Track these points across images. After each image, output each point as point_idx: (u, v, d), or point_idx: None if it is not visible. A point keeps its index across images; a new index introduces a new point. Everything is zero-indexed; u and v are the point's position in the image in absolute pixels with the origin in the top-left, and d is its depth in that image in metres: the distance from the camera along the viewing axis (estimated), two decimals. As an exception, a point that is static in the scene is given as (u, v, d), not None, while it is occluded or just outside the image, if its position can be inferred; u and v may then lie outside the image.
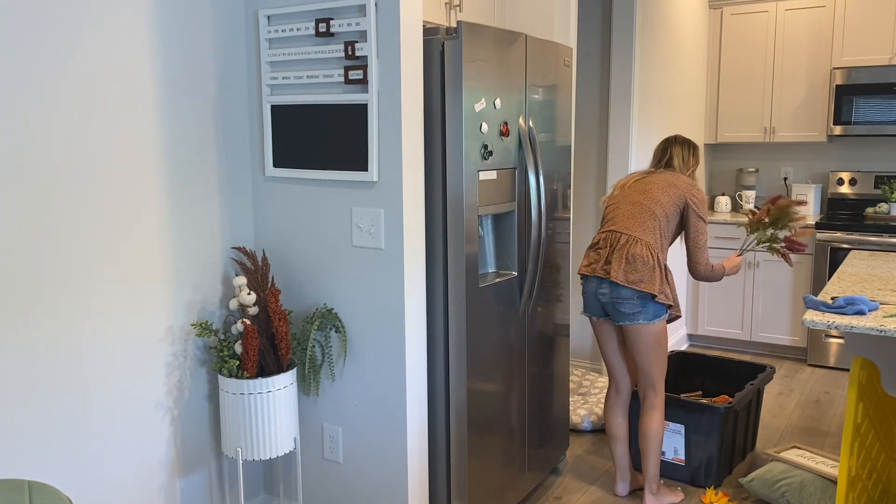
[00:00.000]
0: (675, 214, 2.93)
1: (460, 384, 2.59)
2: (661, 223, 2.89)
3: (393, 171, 2.39)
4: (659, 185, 2.95)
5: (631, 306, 2.82)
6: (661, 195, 2.92)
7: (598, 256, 2.93)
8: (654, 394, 2.96)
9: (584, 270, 2.97)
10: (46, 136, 2.10)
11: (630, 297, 2.81)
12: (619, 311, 2.85)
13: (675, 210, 2.92)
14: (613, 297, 2.85)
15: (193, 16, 2.49)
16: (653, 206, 2.89)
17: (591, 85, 4.46)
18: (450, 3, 2.97)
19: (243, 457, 2.38)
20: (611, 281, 2.84)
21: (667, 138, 3.14)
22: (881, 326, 2.13)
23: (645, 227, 2.87)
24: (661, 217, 2.89)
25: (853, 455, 2.38)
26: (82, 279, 2.22)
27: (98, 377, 2.29)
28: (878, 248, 4.55)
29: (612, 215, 2.97)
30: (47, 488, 1.65)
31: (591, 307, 2.99)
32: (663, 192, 2.93)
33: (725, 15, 5.19)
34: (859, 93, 4.74)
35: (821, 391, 4.41)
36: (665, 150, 3.10)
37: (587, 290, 2.98)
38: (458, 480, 2.64)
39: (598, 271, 2.88)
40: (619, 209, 2.96)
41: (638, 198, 2.93)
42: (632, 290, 2.80)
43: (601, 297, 2.91)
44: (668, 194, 2.92)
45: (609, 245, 2.90)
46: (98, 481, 2.32)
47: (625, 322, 2.86)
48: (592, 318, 3.03)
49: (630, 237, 2.85)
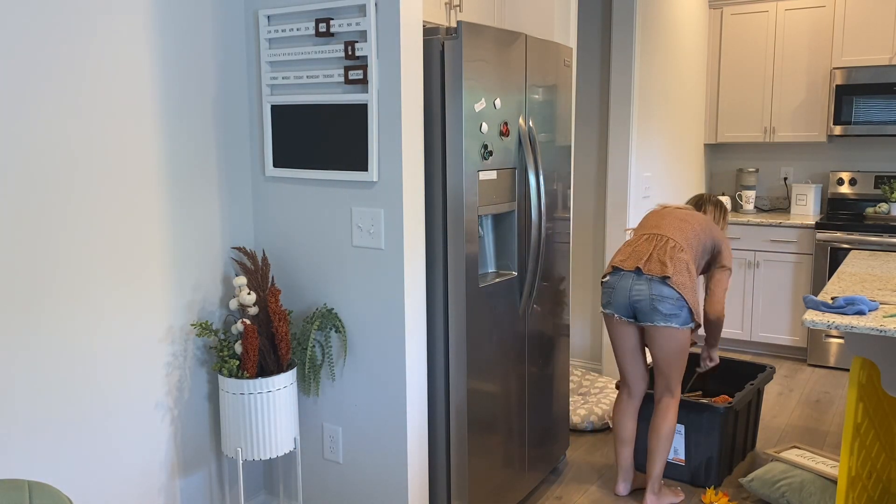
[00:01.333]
0: (706, 253, 2.97)
1: (460, 384, 2.59)
2: (697, 251, 2.92)
3: (393, 171, 2.39)
4: (699, 221, 2.99)
5: (670, 307, 2.77)
6: (699, 229, 2.95)
7: (638, 253, 2.87)
8: (671, 396, 2.94)
9: (620, 264, 2.89)
10: (47, 139, 2.10)
11: (672, 297, 2.76)
12: (656, 311, 2.79)
13: (708, 247, 2.97)
14: (653, 295, 2.78)
15: (193, 16, 2.49)
16: (694, 231, 2.93)
17: (591, 85, 4.46)
18: (450, 3, 2.97)
19: (243, 457, 2.38)
20: (652, 277, 2.79)
21: (700, 195, 3.21)
22: (881, 326, 2.13)
23: (689, 243, 2.88)
24: (696, 246, 2.91)
25: (853, 455, 2.38)
26: (82, 279, 2.22)
27: (98, 377, 2.29)
28: (878, 248, 4.55)
29: (656, 223, 2.96)
30: (47, 488, 1.65)
31: (618, 305, 2.89)
32: (702, 228, 2.97)
33: (725, 15, 5.19)
34: (859, 93, 4.74)
35: (821, 391, 4.41)
36: (699, 205, 3.18)
37: (618, 286, 2.88)
38: (458, 480, 2.64)
39: (642, 267, 2.81)
40: (663, 219, 2.96)
41: (682, 218, 2.96)
42: (676, 291, 2.77)
43: (635, 295, 2.82)
44: (706, 232, 2.97)
45: (654, 245, 2.86)
46: (98, 481, 2.32)
47: (659, 322, 2.80)
48: (614, 317, 2.93)
49: (677, 244, 2.84)
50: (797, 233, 4.82)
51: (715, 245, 3.00)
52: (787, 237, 4.85)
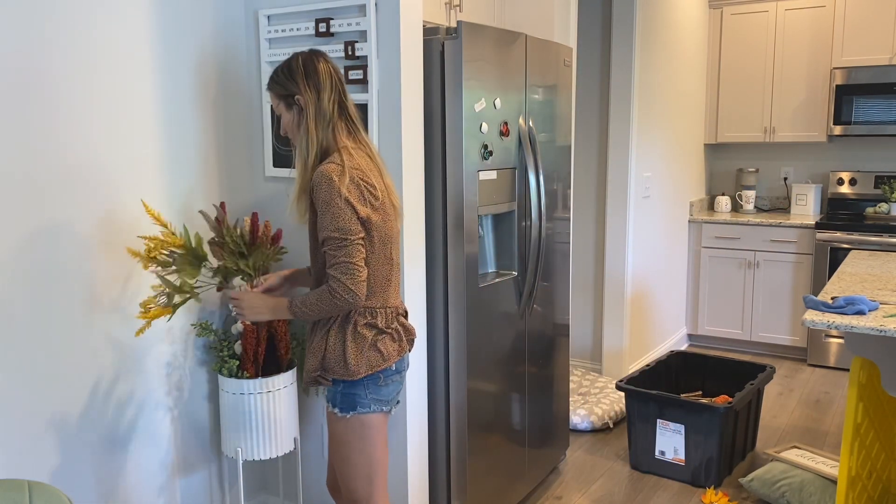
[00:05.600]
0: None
1: (460, 384, 2.59)
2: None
3: (393, 171, 2.38)
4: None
5: None
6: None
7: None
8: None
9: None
10: (46, 140, 2.10)
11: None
12: None
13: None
14: None
15: (194, 16, 2.49)
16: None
17: (591, 85, 4.46)
18: (450, 3, 2.96)
19: (243, 457, 2.38)
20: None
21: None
22: (881, 326, 2.13)
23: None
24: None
25: (853, 455, 2.38)
26: (82, 279, 2.22)
27: (98, 377, 2.29)
28: (878, 248, 4.55)
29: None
30: (47, 488, 1.65)
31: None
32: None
33: (725, 15, 5.19)
34: (859, 93, 4.74)
35: (821, 391, 4.41)
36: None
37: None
38: (458, 480, 2.64)
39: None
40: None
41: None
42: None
43: None
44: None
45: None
46: (98, 481, 2.32)
47: None
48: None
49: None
50: (797, 233, 4.82)
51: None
52: (787, 237, 4.85)
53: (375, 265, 1.98)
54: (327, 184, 1.88)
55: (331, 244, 1.89)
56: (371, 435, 2.03)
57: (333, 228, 1.88)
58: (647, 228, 4.57)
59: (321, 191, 1.88)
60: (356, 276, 1.89)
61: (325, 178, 1.88)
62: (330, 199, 1.87)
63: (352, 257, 1.89)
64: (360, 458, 2.03)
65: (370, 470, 2.05)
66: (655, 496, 3.16)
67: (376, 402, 2.01)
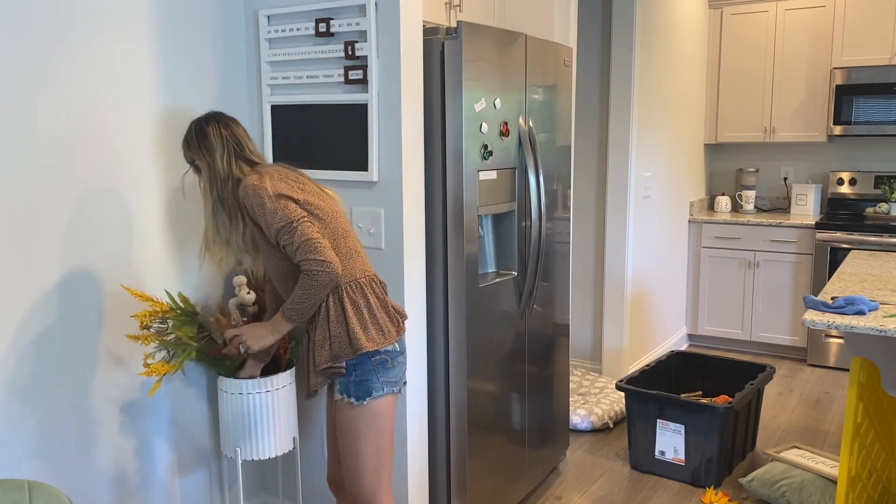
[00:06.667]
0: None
1: (460, 384, 2.59)
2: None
3: (393, 171, 2.38)
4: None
5: None
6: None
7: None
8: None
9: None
10: (46, 142, 2.10)
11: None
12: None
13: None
14: None
15: (194, 16, 2.49)
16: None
17: (591, 85, 4.46)
18: (450, 3, 2.96)
19: (242, 457, 2.38)
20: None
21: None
22: (881, 326, 2.13)
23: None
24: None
25: (853, 455, 2.38)
26: (82, 279, 2.22)
27: (98, 377, 2.29)
28: (878, 248, 4.55)
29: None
30: (47, 488, 1.65)
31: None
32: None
33: (725, 15, 5.19)
34: (859, 93, 4.74)
35: (821, 391, 4.40)
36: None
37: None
38: (458, 480, 2.64)
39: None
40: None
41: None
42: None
43: None
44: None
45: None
46: (98, 481, 2.32)
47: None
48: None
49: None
50: (797, 233, 4.82)
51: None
52: (787, 237, 4.85)
53: (333, 238, 2.04)
54: (253, 190, 1.97)
55: (282, 236, 1.96)
56: (382, 424, 2.09)
57: (277, 221, 1.95)
58: (646, 228, 4.57)
59: (250, 199, 1.98)
60: (319, 247, 1.95)
61: (249, 188, 1.98)
62: (262, 202, 1.96)
63: (306, 234, 1.95)
64: (368, 450, 2.08)
65: (378, 463, 2.10)
66: (655, 496, 3.16)
67: (388, 385, 2.08)
